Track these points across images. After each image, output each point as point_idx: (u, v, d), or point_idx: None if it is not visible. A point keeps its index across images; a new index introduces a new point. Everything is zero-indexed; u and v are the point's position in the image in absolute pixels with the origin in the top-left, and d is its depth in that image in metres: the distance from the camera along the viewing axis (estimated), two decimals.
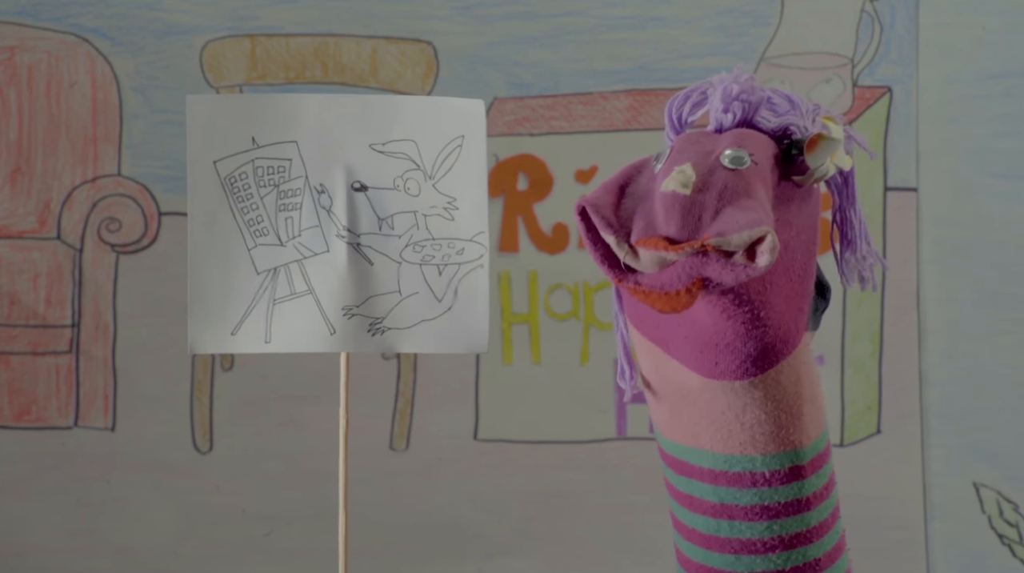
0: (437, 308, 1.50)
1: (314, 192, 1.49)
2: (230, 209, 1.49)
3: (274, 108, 1.48)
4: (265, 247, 1.49)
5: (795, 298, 1.10)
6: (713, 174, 1.05)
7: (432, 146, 1.48)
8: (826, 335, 2.57)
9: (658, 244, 1.04)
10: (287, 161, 1.49)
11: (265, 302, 1.50)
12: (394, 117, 1.48)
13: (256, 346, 1.49)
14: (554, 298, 2.59)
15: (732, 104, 1.10)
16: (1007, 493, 2.58)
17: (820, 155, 1.08)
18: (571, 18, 2.58)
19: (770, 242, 1.02)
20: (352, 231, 1.49)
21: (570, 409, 2.60)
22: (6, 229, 2.60)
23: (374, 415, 2.60)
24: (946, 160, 2.56)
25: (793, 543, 1.14)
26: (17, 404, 2.61)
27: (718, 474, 1.13)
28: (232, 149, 1.47)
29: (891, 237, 2.57)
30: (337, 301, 1.49)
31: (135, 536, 2.60)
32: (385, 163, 1.48)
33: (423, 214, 1.49)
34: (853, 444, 2.59)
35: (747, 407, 1.11)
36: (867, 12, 2.56)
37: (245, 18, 2.59)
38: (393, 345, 1.50)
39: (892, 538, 2.58)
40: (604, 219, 1.06)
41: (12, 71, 2.59)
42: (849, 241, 1.17)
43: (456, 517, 2.60)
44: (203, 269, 1.48)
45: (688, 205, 1.04)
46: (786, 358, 1.11)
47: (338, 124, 1.48)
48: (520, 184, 2.59)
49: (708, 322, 1.08)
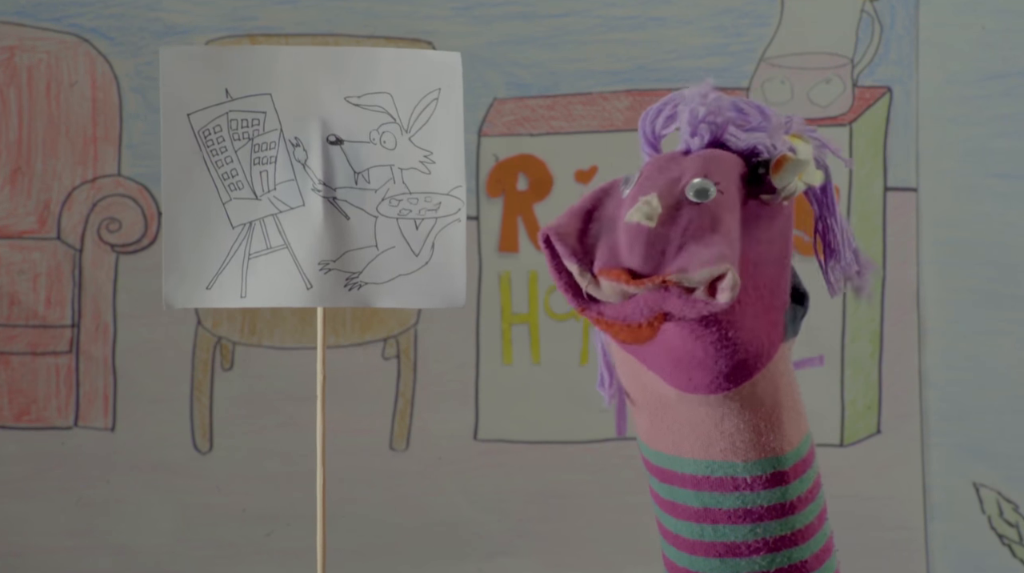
0: (414, 262, 1.49)
1: (289, 145, 1.48)
2: (204, 162, 1.48)
3: (248, 60, 1.46)
4: (240, 201, 1.48)
5: (767, 312, 1.10)
6: (679, 208, 1.05)
7: (408, 99, 1.47)
8: (826, 335, 2.57)
9: (620, 276, 1.04)
10: (261, 114, 1.48)
11: (240, 256, 1.49)
12: (370, 70, 1.47)
13: (232, 300, 1.48)
14: (554, 298, 2.59)
15: (699, 127, 1.10)
16: (1007, 493, 2.58)
17: (785, 176, 1.08)
18: (571, 18, 2.58)
19: (730, 280, 1.02)
20: (328, 185, 1.48)
21: (570, 409, 2.60)
22: (6, 229, 2.60)
23: (374, 415, 2.60)
24: (946, 160, 2.56)
25: (778, 545, 1.14)
26: (17, 404, 2.61)
27: (700, 480, 1.13)
28: (206, 102, 1.46)
29: (891, 237, 2.57)
30: (313, 255, 1.48)
31: (135, 536, 2.60)
32: (361, 116, 1.47)
33: (399, 168, 1.48)
34: (853, 444, 2.59)
35: (725, 417, 1.12)
36: (867, 12, 2.56)
37: (244, 18, 2.59)
38: (370, 299, 1.49)
39: (892, 538, 2.58)
40: (568, 247, 1.06)
41: (12, 71, 2.59)
42: (832, 250, 1.17)
43: (456, 517, 2.60)
44: (177, 223, 1.47)
45: (652, 238, 1.04)
46: (761, 370, 1.11)
47: (313, 76, 1.47)
48: (520, 184, 2.59)
49: (678, 343, 1.08)
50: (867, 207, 2.57)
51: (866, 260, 1.19)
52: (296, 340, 2.59)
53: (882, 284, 2.57)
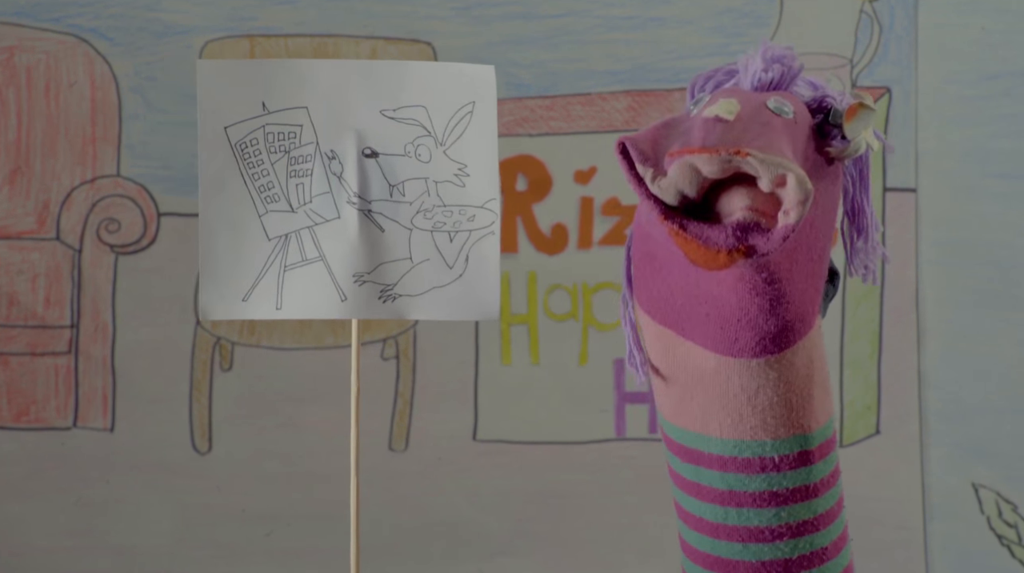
0: (448, 275, 1.49)
1: (325, 158, 1.49)
2: (241, 175, 1.48)
3: (284, 73, 1.47)
4: (276, 213, 1.49)
5: (813, 278, 1.10)
6: (758, 112, 1.04)
7: (443, 112, 1.48)
8: (825, 335, 2.56)
9: (692, 151, 1.03)
10: (298, 127, 1.49)
11: (276, 269, 1.50)
12: (404, 83, 1.47)
13: (267, 312, 1.49)
14: (553, 299, 2.59)
15: (772, 66, 1.09)
16: (1006, 494, 2.58)
17: (858, 125, 1.08)
18: (569, 19, 2.58)
19: (798, 182, 1.00)
20: (363, 198, 1.48)
21: (569, 410, 2.60)
22: (5, 230, 2.60)
23: (373, 416, 2.60)
24: (945, 161, 2.56)
25: (800, 530, 1.14)
26: (16, 405, 2.60)
27: (727, 460, 1.13)
28: (242, 115, 1.47)
29: (890, 238, 2.57)
30: (348, 268, 1.48)
31: (134, 536, 2.60)
32: (396, 129, 1.48)
33: (434, 181, 1.49)
34: (852, 444, 2.58)
35: (760, 389, 1.11)
36: (866, 13, 2.56)
37: (244, 18, 2.58)
38: (404, 311, 1.50)
39: (891, 538, 2.58)
40: (640, 152, 1.05)
41: (11, 72, 2.59)
42: (861, 230, 1.17)
43: (455, 517, 2.60)
44: (214, 236, 1.48)
45: (729, 128, 1.03)
46: (801, 339, 1.11)
47: (348, 90, 1.48)
48: (519, 185, 2.59)
49: (732, 299, 1.08)
50: None
51: (882, 247, 1.19)
52: (295, 341, 2.59)
53: (881, 284, 2.57)
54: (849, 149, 1.09)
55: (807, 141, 1.07)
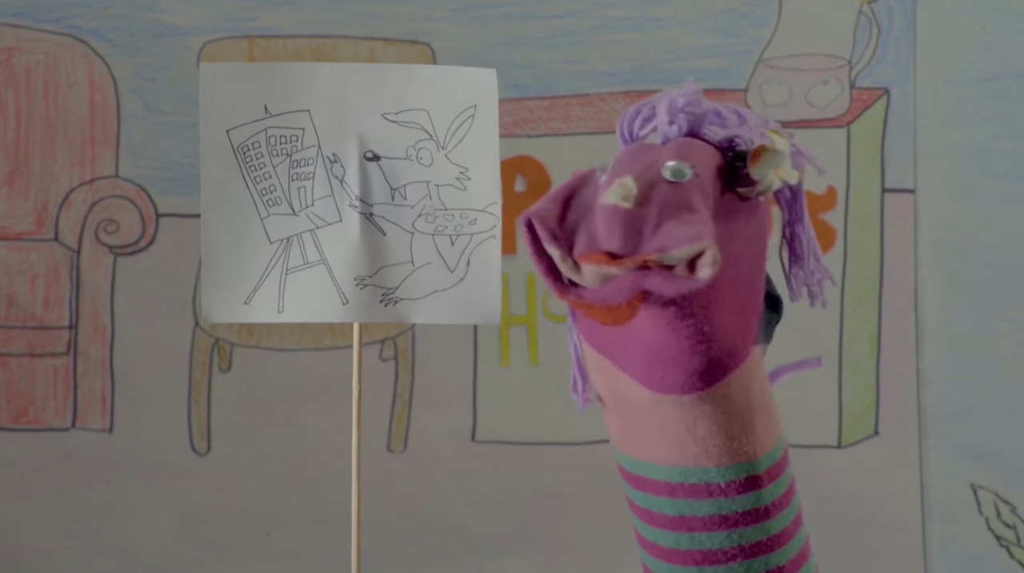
0: (450, 278, 1.49)
1: (327, 161, 1.49)
2: (243, 178, 1.49)
3: (287, 76, 1.48)
4: (278, 216, 1.49)
5: (742, 312, 1.11)
6: (654, 187, 1.05)
7: (444, 116, 1.48)
8: (824, 336, 2.57)
9: (600, 259, 1.04)
10: (300, 130, 1.49)
11: (278, 272, 1.50)
12: (406, 86, 1.48)
13: (269, 315, 1.50)
14: (552, 299, 2.60)
15: (677, 116, 1.10)
16: (1005, 495, 2.58)
17: (763, 167, 1.09)
18: (568, 19, 2.58)
19: (710, 256, 1.02)
20: (365, 201, 1.49)
21: (568, 410, 2.59)
22: (3, 230, 2.60)
23: (371, 416, 2.60)
24: (944, 162, 2.56)
25: (754, 551, 1.14)
26: (14, 406, 2.60)
27: (675, 486, 1.13)
28: (245, 118, 1.47)
29: (889, 239, 2.57)
30: (350, 271, 1.49)
31: (133, 538, 2.60)
32: (397, 132, 1.48)
33: (436, 184, 1.49)
34: (851, 445, 2.59)
35: (697, 420, 1.12)
36: (864, 14, 2.56)
37: (243, 19, 2.59)
38: (405, 315, 1.50)
39: (889, 539, 2.58)
40: (549, 231, 1.06)
41: (9, 72, 2.59)
42: (797, 256, 1.17)
43: (454, 518, 2.60)
44: (216, 239, 1.48)
45: (629, 219, 1.04)
46: (734, 372, 1.11)
47: (351, 93, 1.48)
48: (518, 186, 2.59)
49: (654, 336, 1.08)
50: (865, 209, 2.57)
51: (825, 269, 1.19)
52: (294, 341, 2.59)
53: (880, 285, 2.57)
54: (758, 189, 1.10)
55: (713, 184, 1.08)
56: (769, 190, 1.10)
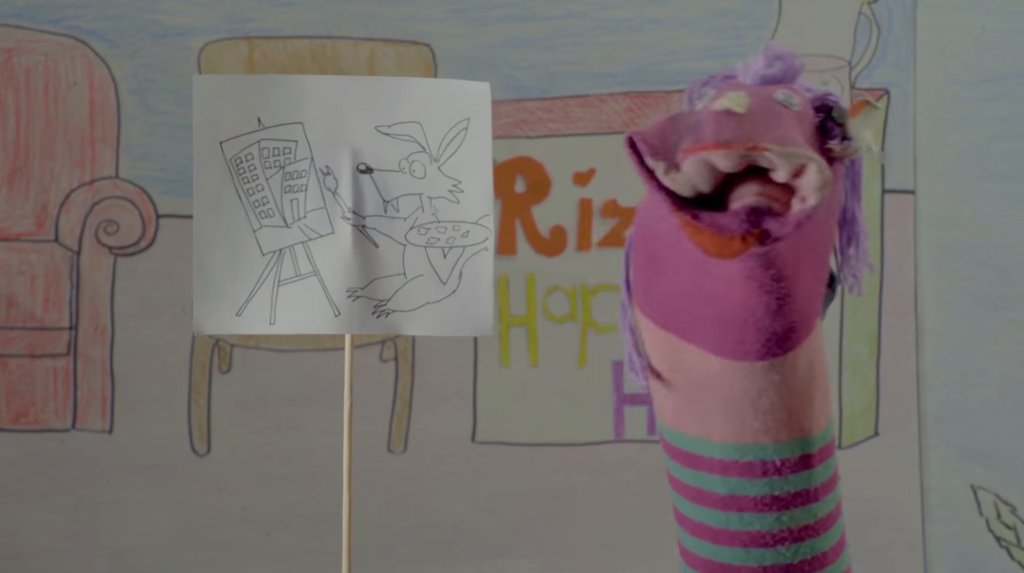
0: (442, 290, 1.50)
1: (319, 174, 1.49)
2: (236, 190, 1.49)
3: (280, 89, 1.48)
4: (270, 228, 1.49)
5: (817, 279, 1.10)
6: (768, 104, 1.04)
7: (438, 128, 1.48)
8: (825, 337, 2.56)
9: (706, 147, 1.02)
10: (292, 142, 1.49)
11: (270, 283, 1.50)
12: (400, 99, 1.48)
13: (261, 327, 1.50)
14: (552, 300, 2.59)
15: (775, 62, 1.09)
16: (1005, 495, 2.58)
17: (862, 123, 1.08)
18: (568, 20, 2.58)
19: (818, 169, 1.00)
20: (357, 213, 1.49)
21: (568, 411, 2.60)
22: (3, 231, 2.60)
23: (372, 417, 2.60)
24: (943, 162, 2.57)
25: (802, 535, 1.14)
26: (15, 406, 2.60)
27: (728, 464, 1.13)
28: (238, 130, 1.47)
29: (889, 239, 2.57)
30: (342, 283, 1.49)
31: (133, 538, 2.60)
32: (390, 145, 1.49)
33: (428, 196, 1.49)
34: (851, 446, 2.59)
35: (763, 392, 1.11)
36: (864, 15, 2.56)
37: (243, 20, 2.59)
38: (398, 327, 1.50)
39: (890, 540, 2.58)
40: (651, 146, 1.05)
41: (10, 73, 2.59)
42: (852, 238, 1.17)
43: (454, 519, 2.60)
44: (208, 250, 1.49)
45: (741, 121, 1.03)
46: (804, 341, 1.11)
47: (344, 105, 1.48)
48: (518, 186, 2.59)
49: (738, 298, 1.07)
50: (865, 209, 2.57)
51: (868, 256, 1.19)
52: (294, 343, 2.59)
53: (880, 286, 2.57)
54: (851, 148, 1.08)
55: (813, 136, 1.07)
56: (859, 152, 1.09)
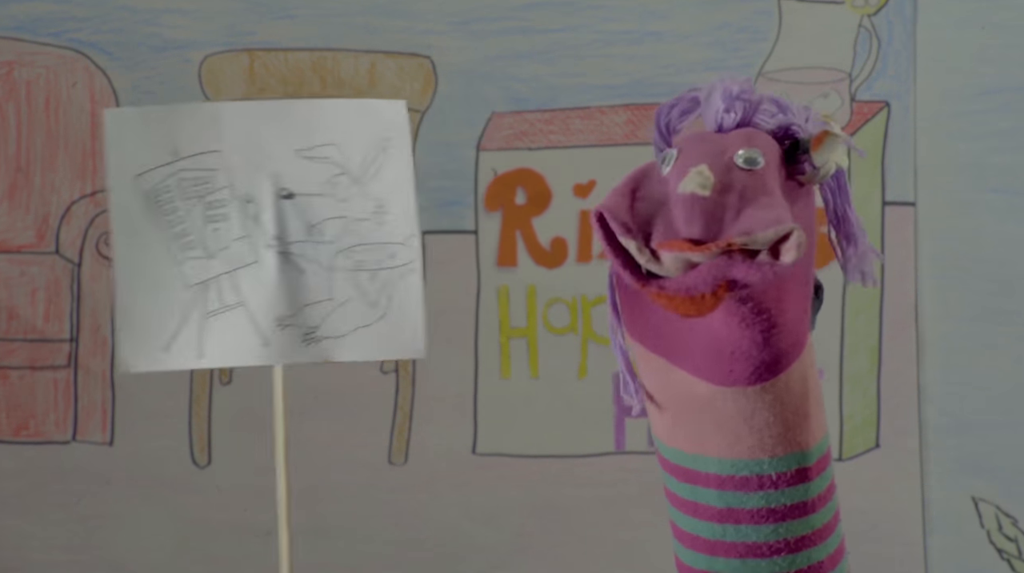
0: (372, 314, 1.49)
1: (240, 202, 1.48)
2: (155, 224, 1.48)
3: (195, 118, 1.47)
4: (193, 261, 1.48)
5: (802, 300, 1.11)
6: (730, 174, 1.05)
7: (357, 149, 1.47)
8: (825, 350, 2.57)
9: (682, 246, 1.03)
10: (211, 171, 1.48)
11: (197, 316, 1.49)
12: (317, 121, 1.47)
13: (190, 362, 1.49)
14: (552, 312, 2.59)
15: (734, 104, 1.09)
16: (1006, 507, 2.58)
17: (825, 151, 1.08)
18: (568, 33, 2.58)
19: (796, 238, 1.02)
20: (282, 239, 1.48)
21: (568, 423, 2.60)
22: (5, 243, 2.60)
23: (373, 430, 2.60)
24: (944, 175, 2.57)
25: (798, 546, 1.14)
26: (15, 418, 2.60)
27: (724, 479, 1.13)
28: (153, 162, 1.46)
29: (889, 251, 2.57)
30: (270, 312, 1.48)
31: (133, 550, 2.60)
32: (311, 169, 1.48)
33: (353, 219, 1.48)
34: (852, 458, 2.58)
35: (756, 411, 1.11)
36: (865, 27, 2.56)
37: (243, 33, 2.59)
38: (329, 353, 1.50)
39: (891, 552, 2.58)
40: (623, 224, 1.05)
41: (11, 86, 2.59)
42: (850, 238, 1.17)
43: (454, 531, 2.60)
44: (130, 286, 1.48)
45: (710, 207, 1.04)
46: (796, 361, 1.11)
47: (261, 131, 1.47)
48: (518, 198, 2.59)
49: (723, 332, 1.08)
50: (865, 221, 2.57)
51: (873, 247, 1.19)
52: None
53: (881, 298, 2.57)
54: (820, 175, 1.10)
55: (778, 172, 1.08)
56: (828, 176, 1.09)
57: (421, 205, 2.66)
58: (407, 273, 1.49)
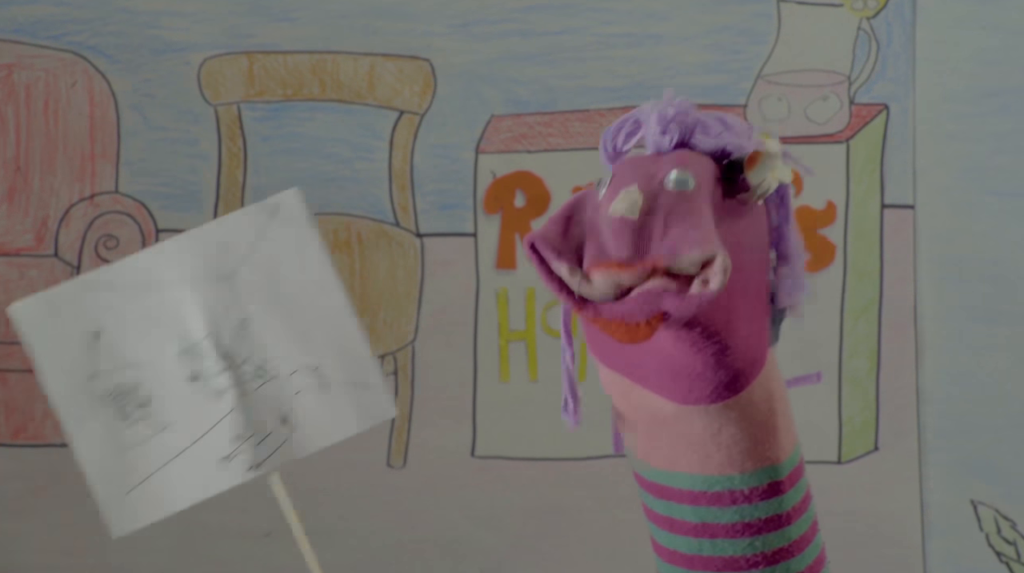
0: (328, 396, 1.51)
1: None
2: (99, 410, 1.51)
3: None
4: (141, 422, 1.51)
5: (756, 317, 1.12)
6: (659, 197, 1.06)
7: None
8: (823, 352, 2.57)
9: (610, 266, 1.05)
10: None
11: (161, 464, 1.52)
12: None
13: (182, 503, 1.52)
14: (552, 315, 2.60)
15: (669, 126, 1.11)
16: (1005, 511, 2.58)
17: (760, 171, 1.10)
18: (568, 36, 2.58)
19: (721, 263, 1.04)
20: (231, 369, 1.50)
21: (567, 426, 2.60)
22: (3, 246, 2.60)
23: (371, 432, 2.59)
24: (943, 177, 2.57)
25: (776, 558, 1.15)
26: (13, 422, 2.60)
27: (698, 495, 1.14)
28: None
29: (888, 254, 2.57)
30: (225, 435, 1.51)
31: (132, 555, 2.60)
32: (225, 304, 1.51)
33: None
34: (850, 461, 2.58)
35: (723, 427, 1.12)
36: (864, 30, 2.56)
37: (242, 35, 2.59)
38: (299, 450, 1.53)
39: (889, 556, 2.58)
40: (554, 250, 1.07)
41: (10, 89, 2.59)
42: (785, 257, 1.18)
43: (453, 534, 2.60)
44: (94, 462, 1.51)
45: (637, 228, 1.06)
46: (757, 377, 1.12)
47: None
48: (517, 201, 2.59)
49: (677, 356, 1.09)
50: (864, 224, 2.58)
51: (803, 276, 1.20)
52: None
53: (879, 301, 2.57)
54: (757, 193, 1.11)
55: (714, 191, 1.09)
56: (768, 192, 1.11)
57: (420, 208, 2.68)
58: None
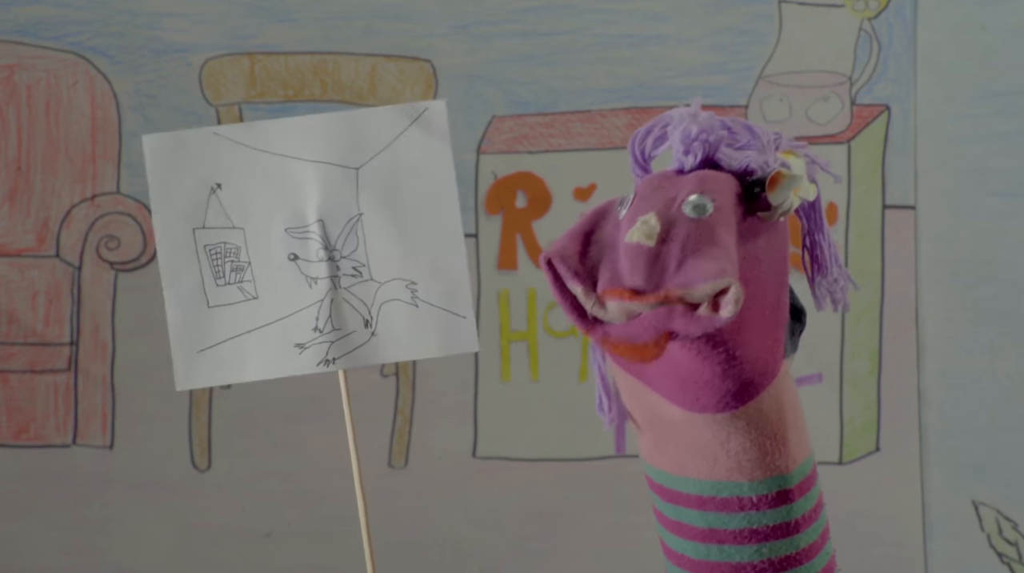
0: (417, 312, 1.52)
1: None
2: (199, 262, 1.53)
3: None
4: (238, 284, 1.53)
5: (770, 330, 1.11)
6: (676, 224, 1.06)
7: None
8: (825, 353, 2.57)
9: (623, 295, 1.05)
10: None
11: (241, 332, 1.53)
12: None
13: (240, 375, 1.53)
14: (553, 316, 2.60)
15: (692, 145, 1.11)
16: (1006, 511, 2.58)
17: (782, 192, 1.10)
18: (569, 36, 2.58)
19: (734, 294, 1.03)
20: (332, 259, 1.52)
21: (569, 426, 2.60)
22: (5, 247, 2.60)
23: (373, 433, 2.60)
24: (944, 178, 2.57)
25: (783, 566, 1.15)
26: (15, 422, 2.60)
27: (706, 500, 1.14)
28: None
29: (889, 255, 2.57)
30: (308, 325, 1.52)
31: (133, 554, 2.60)
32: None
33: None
34: (852, 462, 2.58)
35: (731, 436, 1.12)
36: (865, 31, 2.56)
37: (244, 36, 2.59)
38: (375, 357, 1.53)
39: (891, 556, 2.58)
40: (570, 269, 1.07)
41: (11, 90, 2.59)
42: (820, 265, 1.18)
43: (454, 534, 2.60)
44: (179, 310, 1.52)
45: (652, 257, 1.05)
46: (766, 388, 1.12)
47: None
48: (519, 202, 2.59)
49: (685, 363, 1.09)
50: (865, 225, 2.58)
51: (847, 275, 1.20)
52: None
53: (880, 302, 2.57)
54: (778, 213, 1.11)
55: (734, 212, 1.09)
56: (789, 211, 1.11)
57: None
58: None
